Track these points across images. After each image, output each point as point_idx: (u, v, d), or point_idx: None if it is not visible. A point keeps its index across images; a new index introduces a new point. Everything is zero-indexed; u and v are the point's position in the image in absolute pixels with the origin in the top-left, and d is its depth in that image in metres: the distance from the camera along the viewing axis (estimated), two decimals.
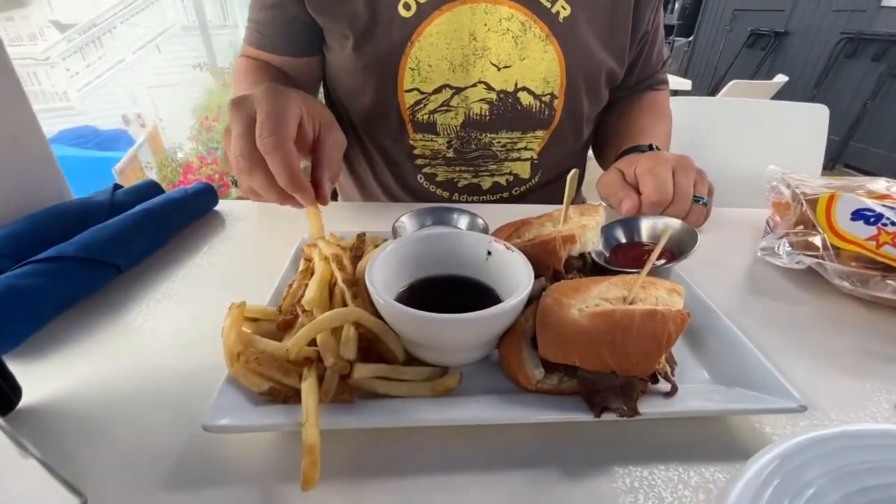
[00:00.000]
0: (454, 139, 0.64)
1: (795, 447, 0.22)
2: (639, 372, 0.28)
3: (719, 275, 0.46)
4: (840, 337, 0.38)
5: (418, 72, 0.59)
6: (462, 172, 0.67)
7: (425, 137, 0.64)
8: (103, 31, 6.02)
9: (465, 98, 0.61)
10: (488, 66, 0.60)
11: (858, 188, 0.47)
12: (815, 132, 1.07)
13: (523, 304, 0.30)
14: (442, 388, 0.29)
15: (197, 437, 0.27)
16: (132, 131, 5.77)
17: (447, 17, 0.56)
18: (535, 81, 0.61)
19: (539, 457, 0.27)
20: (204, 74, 5.44)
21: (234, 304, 0.31)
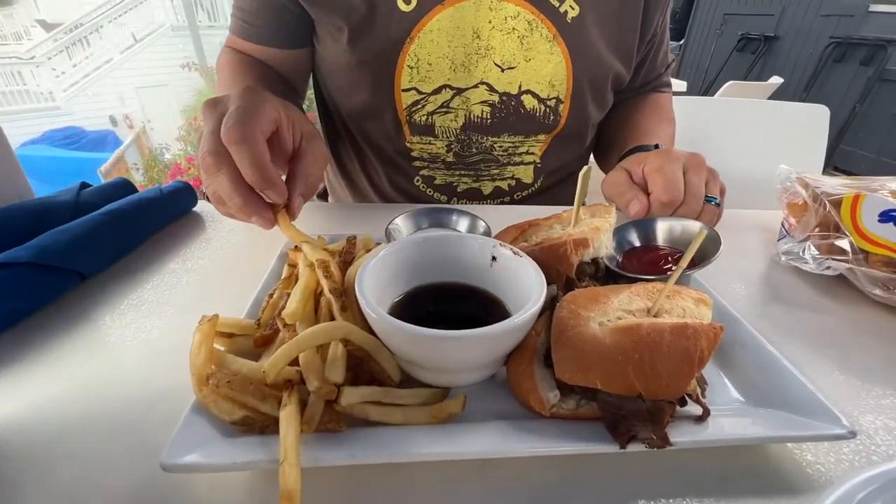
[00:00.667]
0: (454, 142, 0.60)
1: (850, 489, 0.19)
2: (668, 395, 0.24)
3: (735, 282, 0.43)
4: (874, 349, 0.35)
5: (417, 70, 0.55)
6: (462, 176, 0.64)
7: (423, 140, 0.60)
8: (90, 30, 5.92)
9: (466, 100, 0.57)
10: (491, 66, 0.56)
11: (880, 188, 0.44)
12: (816, 132, 1.05)
13: (535, 317, 0.26)
14: (443, 415, 0.25)
15: (157, 475, 0.23)
16: (119, 132, 5.67)
17: (450, 13, 0.52)
18: (541, 84, 0.58)
19: (555, 494, 0.24)
20: (193, 75, 5.36)
21: (206, 317, 0.27)
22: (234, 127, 0.32)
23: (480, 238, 0.33)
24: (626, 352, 0.24)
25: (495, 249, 0.31)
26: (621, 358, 0.24)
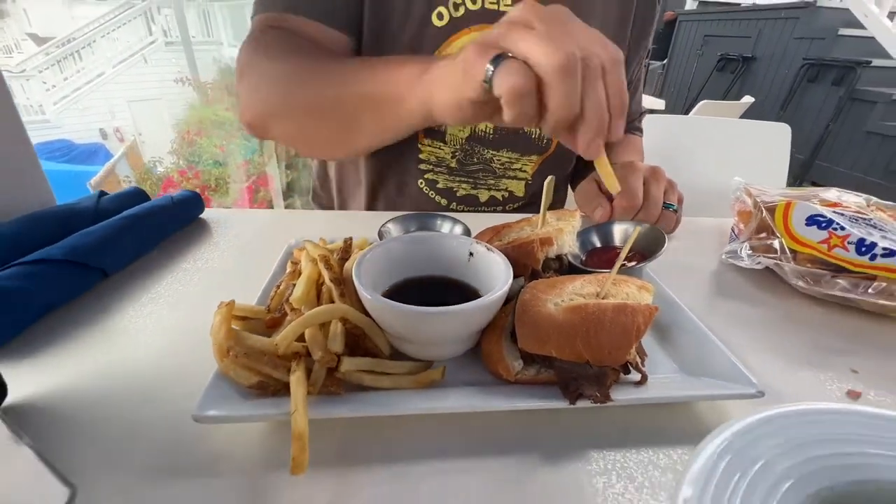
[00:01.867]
0: (458, 150, 0.66)
1: (746, 425, 0.24)
2: (611, 362, 0.29)
3: (688, 277, 0.49)
4: (798, 333, 0.41)
5: None
6: (462, 183, 0.69)
7: (434, 144, 0.65)
8: (83, 44, 5.96)
9: None
10: None
11: (813, 197, 0.51)
12: (779, 149, 1.13)
13: (503, 299, 0.31)
14: (426, 381, 0.30)
15: (186, 429, 0.28)
16: (110, 145, 5.67)
17: (472, 36, 0.58)
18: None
19: (518, 443, 0.28)
20: (186, 89, 5.41)
21: (223, 302, 0.32)
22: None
23: (460, 237, 0.38)
24: (575, 326, 0.29)
25: (472, 246, 0.37)
26: (571, 332, 0.29)
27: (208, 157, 3.95)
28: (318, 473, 0.26)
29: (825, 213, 0.46)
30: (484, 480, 0.26)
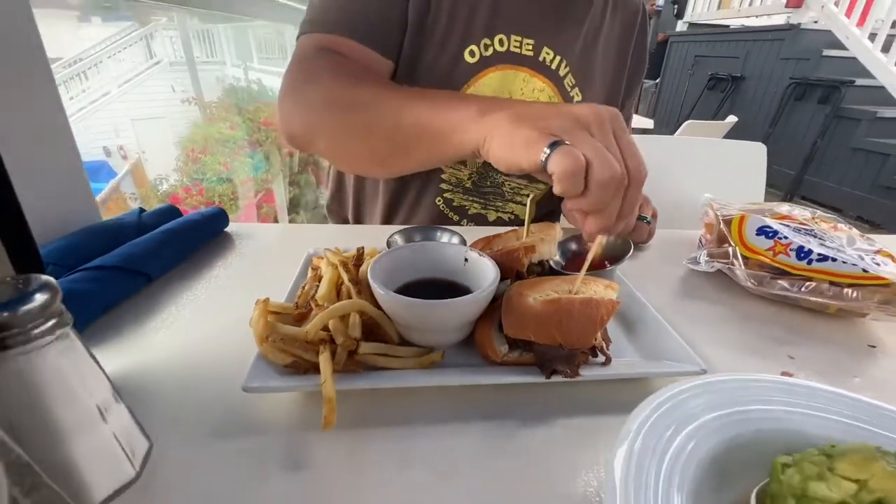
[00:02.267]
0: (475, 173, 0.73)
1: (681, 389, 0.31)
2: (580, 345, 0.36)
3: (658, 280, 0.56)
4: (746, 326, 0.48)
5: None
6: (474, 202, 0.75)
7: (455, 166, 0.72)
8: (89, 65, 6.12)
9: None
10: None
11: (766, 211, 0.58)
12: (756, 166, 1.21)
13: (491, 296, 0.38)
14: (428, 362, 0.37)
15: (235, 399, 0.34)
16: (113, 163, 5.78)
17: (499, 75, 0.66)
18: None
19: (502, 411, 0.35)
20: (190, 108, 5.55)
21: (260, 299, 0.39)
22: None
23: (457, 246, 0.45)
24: (550, 316, 0.36)
25: (467, 253, 0.44)
26: (547, 320, 0.36)
27: (212, 175, 4.04)
28: (340, 432, 0.32)
29: (773, 225, 0.53)
30: (473, 440, 0.32)
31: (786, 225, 0.53)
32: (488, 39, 0.65)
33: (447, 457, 0.31)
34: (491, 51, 0.65)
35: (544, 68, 0.69)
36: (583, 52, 0.72)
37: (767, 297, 0.51)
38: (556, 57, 0.69)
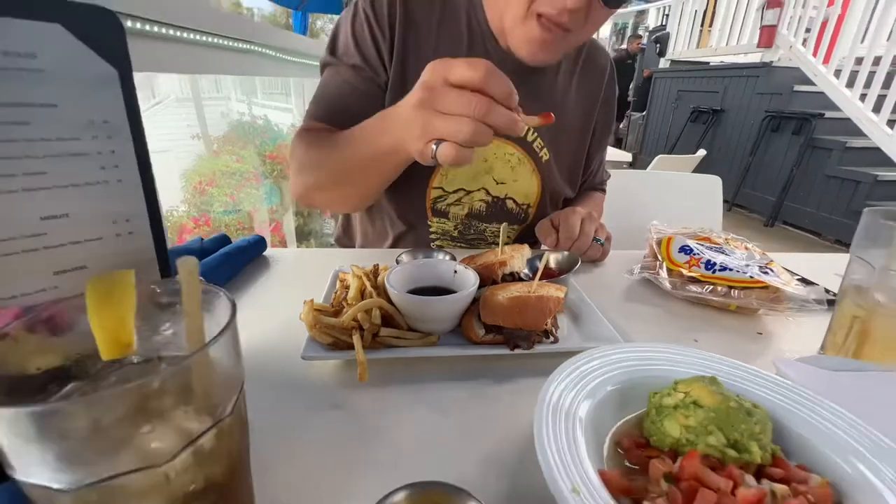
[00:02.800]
0: (459, 224, 0.88)
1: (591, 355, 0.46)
2: (534, 328, 0.51)
3: (606, 287, 0.72)
4: (666, 319, 0.63)
5: (445, 177, 0.83)
6: (459, 247, 0.91)
7: (440, 220, 0.87)
8: None
9: (472, 198, 0.85)
10: (490, 180, 0.85)
11: (691, 235, 0.74)
12: (714, 195, 1.39)
13: (472, 296, 0.54)
14: (428, 342, 0.52)
15: (296, 365, 0.49)
16: None
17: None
18: (519, 196, 0.88)
19: (480, 374, 0.50)
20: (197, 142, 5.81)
21: (307, 300, 0.54)
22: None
23: (449, 261, 0.61)
24: (513, 308, 0.51)
25: (456, 267, 0.59)
26: (511, 310, 0.51)
27: (219, 206, 4.23)
28: (367, 386, 0.47)
29: (691, 245, 0.69)
30: (461, 392, 0.47)
31: (702, 244, 0.69)
32: None
33: (443, 402, 0.46)
34: None
35: (517, 138, 0.83)
36: (551, 108, 0.88)
37: (684, 299, 0.67)
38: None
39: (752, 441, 0.34)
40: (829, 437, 0.36)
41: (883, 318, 0.49)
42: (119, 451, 0.21)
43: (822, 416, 0.38)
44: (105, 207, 0.39)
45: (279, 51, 1.63)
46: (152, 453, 0.21)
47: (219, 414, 0.25)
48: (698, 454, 0.33)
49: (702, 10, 5.24)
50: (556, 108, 0.85)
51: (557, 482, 0.30)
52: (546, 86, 0.85)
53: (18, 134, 0.33)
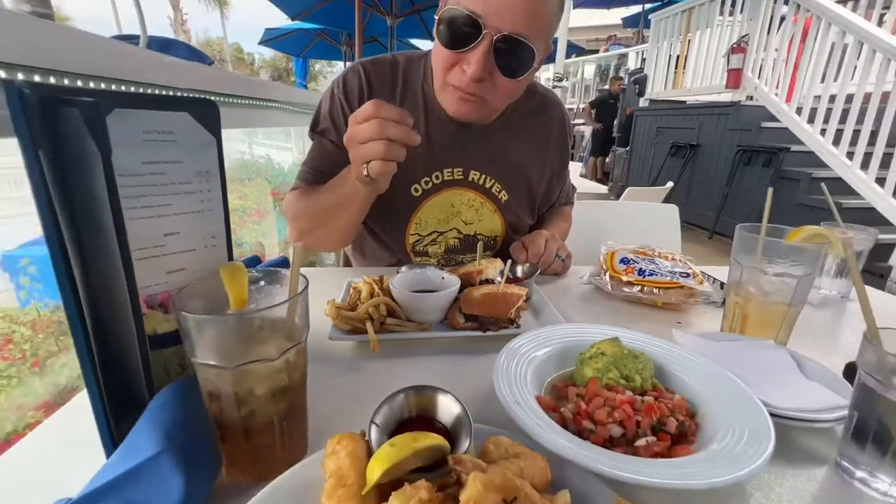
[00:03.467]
0: (441, 259, 1.05)
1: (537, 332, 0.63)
2: (502, 317, 0.69)
3: (564, 292, 0.90)
4: (607, 314, 0.80)
5: (419, 224, 0.98)
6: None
7: (422, 259, 1.04)
8: None
9: (445, 238, 1.02)
10: (460, 222, 1.01)
11: (631, 250, 0.93)
12: (672, 222, 1.59)
13: (455, 293, 0.72)
14: (422, 329, 0.70)
15: (325, 344, 0.66)
16: None
17: (440, 197, 0.97)
18: (486, 232, 1.04)
19: (461, 350, 0.67)
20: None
21: (330, 300, 0.72)
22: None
23: (438, 270, 0.79)
24: (486, 301, 0.69)
25: (444, 274, 0.77)
26: (484, 303, 0.69)
27: None
28: (378, 357, 0.64)
29: (629, 257, 0.87)
30: (446, 364, 0.64)
31: (638, 257, 0.88)
32: (427, 177, 0.94)
33: (433, 368, 0.63)
34: (430, 184, 0.95)
35: (473, 185, 0.98)
36: (506, 162, 0.99)
37: (623, 299, 0.85)
38: (483, 175, 0.98)
39: (636, 374, 0.51)
40: (689, 373, 0.54)
41: (754, 304, 0.67)
42: (252, 349, 0.38)
43: (689, 362, 0.56)
44: (201, 228, 0.57)
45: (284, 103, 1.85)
46: (267, 353, 0.39)
47: (297, 339, 0.42)
48: (597, 380, 0.50)
49: (675, 55, 5.66)
50: (501, 154, 0.99)
51: (506, 397, 0.47)
52: (505, 133, 0.99)
53: (158, 180, 0.52)
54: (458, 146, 0.95)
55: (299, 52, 9.50)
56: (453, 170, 0.96)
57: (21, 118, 0.32)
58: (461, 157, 0.96)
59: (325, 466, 0.37)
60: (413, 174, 0.94)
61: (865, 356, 0.42)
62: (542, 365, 0.57)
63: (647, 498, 0.39)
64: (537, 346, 0.60)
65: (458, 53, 0.76)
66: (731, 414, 0.47)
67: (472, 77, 0.75)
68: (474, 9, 0.71)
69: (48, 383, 2.44)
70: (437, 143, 0.93)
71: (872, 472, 0.43)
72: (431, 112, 0.93)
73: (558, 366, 0.59)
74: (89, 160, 0.38)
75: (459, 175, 0.97)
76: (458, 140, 0.94)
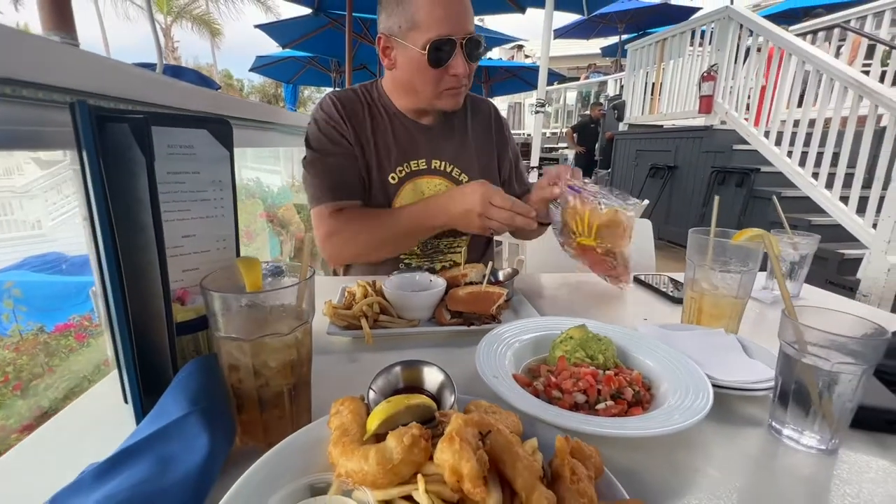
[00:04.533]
0: (420, 244, 1.15)
1: (521, 321, 0.71)
2: (484, 313, 0.76)
3: (542, 293, 0.97)
4: (583, 311, 0.88)
5: None
6: (423, 261, 1.18)
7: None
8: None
9: None
10: None
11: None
12: (647, 236, 1.69)
13: (441, 292, 0.79)
14: (411, 325, 0.76)
15: (324, 338, 0.72)
16: None
17: (412, 184, 1.13)
18: None
19: (448, 343, 0.74)
20: None
21: (328, 300, 0.78)
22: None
23: (426, 274, 0.87)
24: (469, 299, 0.76)
25: (431, 277, 0.85)
26: (468, 300, 0.76)
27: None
28: (372, 349, 0.70)
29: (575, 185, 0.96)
30: (435, 354, 0.71)
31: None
32: (399, 167, 1.11)
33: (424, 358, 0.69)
34: (403, 173, 1.12)
35: (437, 172, 1.14)
36: (458, 151, 1.18)
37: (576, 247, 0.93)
38: (442, 162, 1.15)
39: (599, 354, 0.59)
40: (648, 354, 0.62)
41: (707, 298, 0.75)
42: (268, 324, 0.45)
43: (648, 345, 0.63)
44: (215, 231, 0.64)
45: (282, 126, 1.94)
46: (279, 329, 0.46)
47: (304, 319, 0.49)
48: (566, 359, 0.58)
49: (651, 82, 5.96)
50: (460, 144, 1.19)
51: (485, 372, 0.54)
52: (453, 131, 1.20)
53: (179, 188, 0.59)
54: (419, 143, 1.15)
55: (289, 79, 9.71)
56: (418, 161, 1.14)
57: (88, 130, 0.39)
58: (423, 150, 1.15)
59: (330, 424, 0.43)
60: (388, 166, 1.11)
61: (784, 329, 0.51)
62: (520, 351, 0.65)
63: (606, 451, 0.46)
64: (515, 334, 0.67)
65: (446, 65, 1.00)
66: (680, 385, 0.54)
67: (463, 74, 1.01)
68: (445, 33, 0.96)
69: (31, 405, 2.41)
70: (403, 141, 1.13)
71: (797, 428, 0.50)
72: (394, 119, 1.14)
73: (534, 352, 0.66)
74: (135, 168, 0.45)
75: (424, 165, 1.14)
76: (419, 138, 1.15)
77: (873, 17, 4.35)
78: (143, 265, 0.50)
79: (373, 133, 1.11)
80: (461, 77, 1.01)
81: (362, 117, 1.12)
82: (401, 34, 0.99)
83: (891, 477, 0.46)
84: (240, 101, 1.63)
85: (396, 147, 1.12)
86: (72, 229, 6.33)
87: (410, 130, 1.15)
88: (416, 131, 1.15)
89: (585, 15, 5.83)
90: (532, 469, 0.34)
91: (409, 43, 0.98)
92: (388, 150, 1.11)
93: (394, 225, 1.01)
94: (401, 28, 0.99)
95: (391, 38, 1.02)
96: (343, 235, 1.04)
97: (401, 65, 1.04)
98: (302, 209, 3.68)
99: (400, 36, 0.99)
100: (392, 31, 1.01)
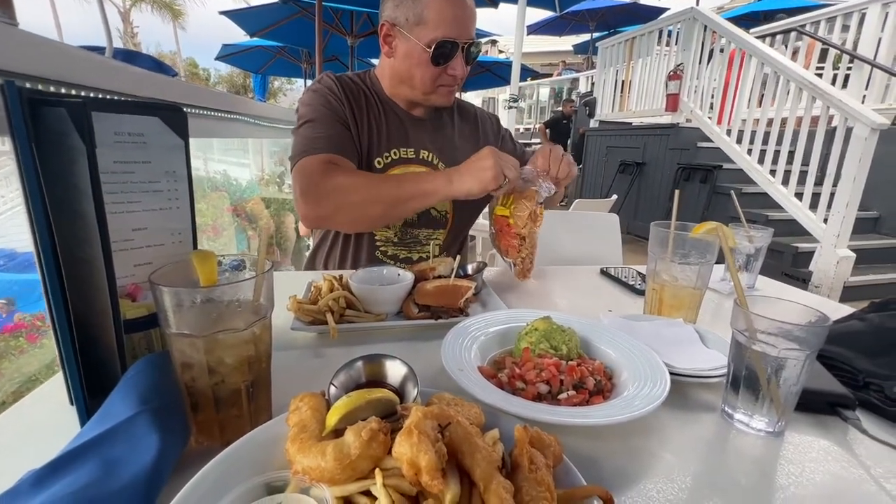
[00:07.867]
0: (399, 231, 1.15)
1: (488, 313, 0.71)
2: (452, 306, 0.76)
3: (510, 286, 0.98)
4: (548, 304, 0.89)
5: None
6: (401, 250, 1.17)
7: (383, 228, 1.14)
8: None
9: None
10: None
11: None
12: (613, 230, 1.73)
13: (409, 285, 0.78)
14: (378, 319, 0.75)
15: (287, 334, 0.70)
16: None
17: (398, 170, 1.12)
18: (438, 206, 1.17)
19: (415, 336, 0.73)
20: None
21: (292, 295, 0.76)
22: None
23: (393, 268, 0.86)
24: (437, 292, 0.76)
25: (399, 271, 0.84)
26: (436, 294, 0.76)
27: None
28: (337, 344, 0.69)
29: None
30: (402, 349, 0.70)
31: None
32: (387, 153, 1.12)
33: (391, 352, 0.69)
34: (389, 159, 1.12)
35: (424, 162, 1.15)
36: (444, 145, 1.19)
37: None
38: (430, 154, 1.16)
39: (563, 345, 0.60)
40: (610, 345, 0.63)
41: (667, 289, 0.78)
42: (222, 320, 0.43)
43: (610, 336, 0.65)
44: (169, 224, 0.61)
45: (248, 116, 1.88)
46: (236, 324, 0.44)
47: (262, 314, 0.47)
48: (530, 350, 0.58)
49: (620, 80, 6.08)
50: (448, 140, 1.22)
51: (451, 365, 0.54)
52: (442, 127, 1.22)
53: (128, 178, 0.56)
54: (409, 133, 1.16)
55: (258, 69, 9.42)
56: (407, 150, 1.15)
57: (19, 114, 0.36)
58: (412, 140, 1.16)
59: (288, 420, 0.42)
60: (376, 151, 1.12)
61: (736, 317, 0.53)
62: (486, 343, 0.65)
63: (566, 440, 0.46)
64: (482, 327, 0.68)
65: (446, 64, 1.04)
66: (640, 374, 0.56)
67: (460, 75, 1.07)
68: (452, 35, 1.00)
69: None
70: (393, 130, 1.15)
71: (747, 412, 0.53)
72: (387, 107, 1.16)
73: (500, 344, 0.67)
74: (74, 155, 0.43)
75: (412, 154, 1.15)
76: (409, 129, 1.17)
77: (826, 23, 4.57)
78: (87, 258, 0.47)
79: (367, 116, 1.11)
80: (458, 77, 1.07)
81: (360, 98, 1.13)
82: (407, 27, 1.01)
83: (831, 456, 0.49)
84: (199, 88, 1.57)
85: (388, 133, 1.14)
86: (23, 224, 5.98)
87: (402, 120, 1.17)
88: (407, 121, 1.17)
89: (558, 12, 5.90)
90: (490, 459, 0.34)
91: (414, 37, 1.01)
92: (380, 134, 1.12)
93: (395, 186, 0.96)
94: (408, 21, 1.01)
95: (395, 27, 1.04)
96: (335, 180, 0.96)
97: (401, 55, 1.06)
98: (271, 203, 3.59)
99: (405, 28, 1.02)
100: (398, 21, 1.03)
